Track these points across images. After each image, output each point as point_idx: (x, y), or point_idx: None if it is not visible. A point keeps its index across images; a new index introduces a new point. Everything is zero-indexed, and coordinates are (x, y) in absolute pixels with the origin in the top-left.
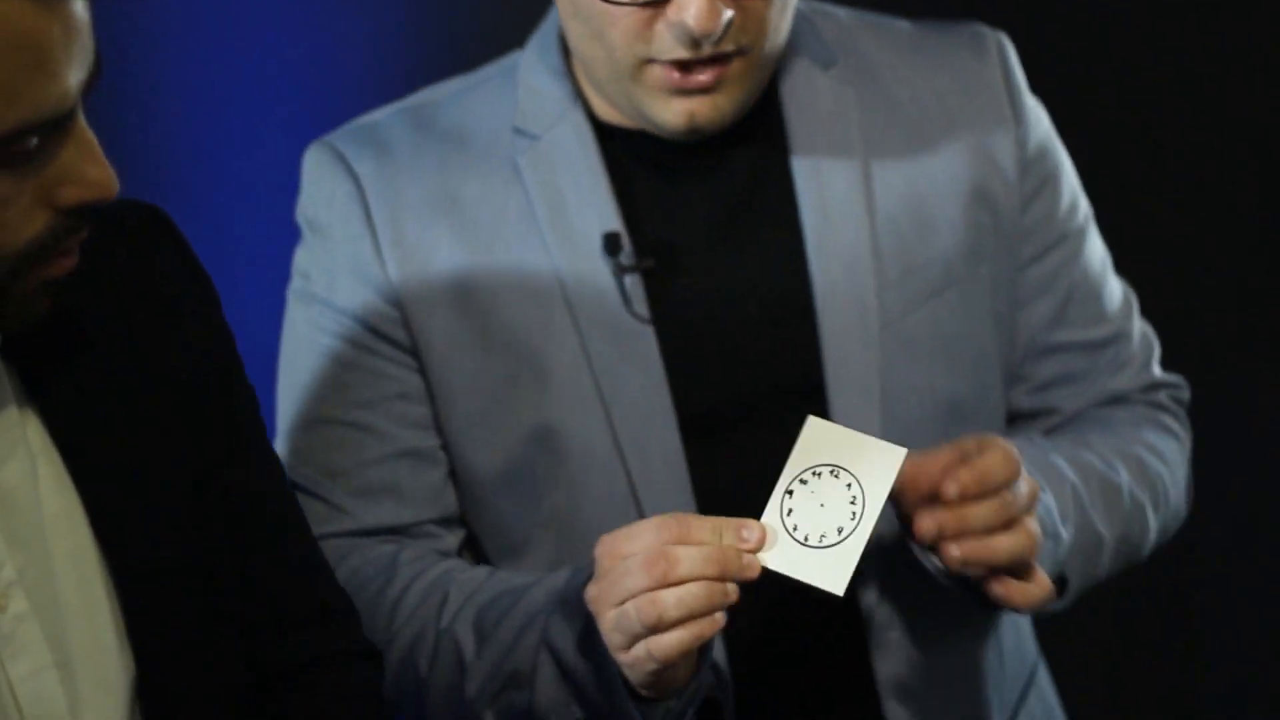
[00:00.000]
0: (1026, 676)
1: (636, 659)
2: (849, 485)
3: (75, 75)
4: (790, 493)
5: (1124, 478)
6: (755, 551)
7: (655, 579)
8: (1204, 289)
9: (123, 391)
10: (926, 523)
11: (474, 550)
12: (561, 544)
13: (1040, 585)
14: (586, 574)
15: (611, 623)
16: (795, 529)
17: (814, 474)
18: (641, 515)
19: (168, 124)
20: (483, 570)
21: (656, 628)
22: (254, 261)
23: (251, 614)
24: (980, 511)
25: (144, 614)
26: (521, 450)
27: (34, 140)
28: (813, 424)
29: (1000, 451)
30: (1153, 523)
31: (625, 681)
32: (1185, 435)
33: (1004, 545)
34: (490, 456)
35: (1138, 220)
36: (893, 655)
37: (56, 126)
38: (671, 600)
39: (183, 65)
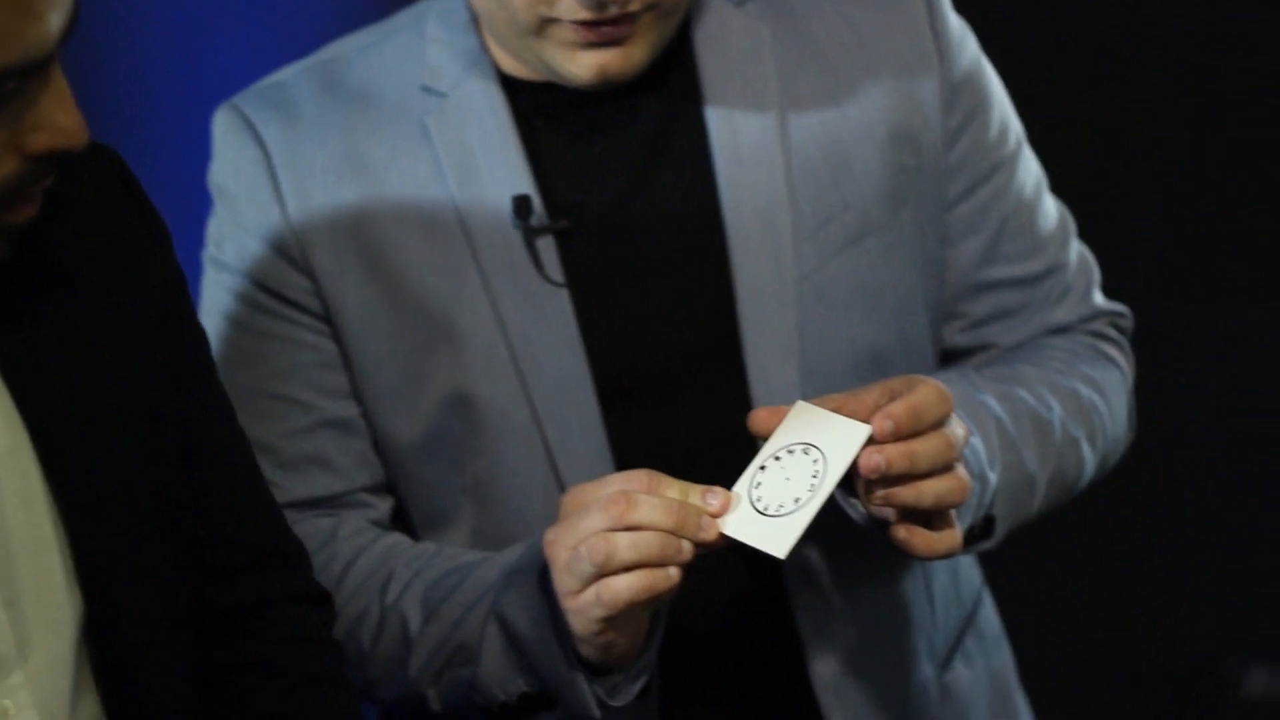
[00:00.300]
0: (963, 619)
1: (585, 604)
2: (815, 460)
3: (57, 19)
4: (764, 468)
5: (1056, 413)
6: (717, 517)
7: (611, 519)
8: (1143, 207)
9: (73, 330)
10: (874, 458)
11: (399, 517)
12: (483, 512)
13: (948, 538)
14: (539, 544)
15: (564, 564)
16: (758, 500)
17: (788, 451)
18: (560, 482)
19: (122, 69)
20: (429, 547)
21: (605, 567)
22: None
23: (203, 553)
24: (929, 446)
25: (93, 552)
26: (439, 419)
27: (12, 84)
28: (799, 407)
29: (932, 387)
30: (1089, 457)
31: (576, 653)
32: (1127, 363)
33: (931, 489)
34: (408, 425)
35: (1075, 139)
36: (816, 611)
37: (36, 71)
38: (624, 541)
39: (139, 11)
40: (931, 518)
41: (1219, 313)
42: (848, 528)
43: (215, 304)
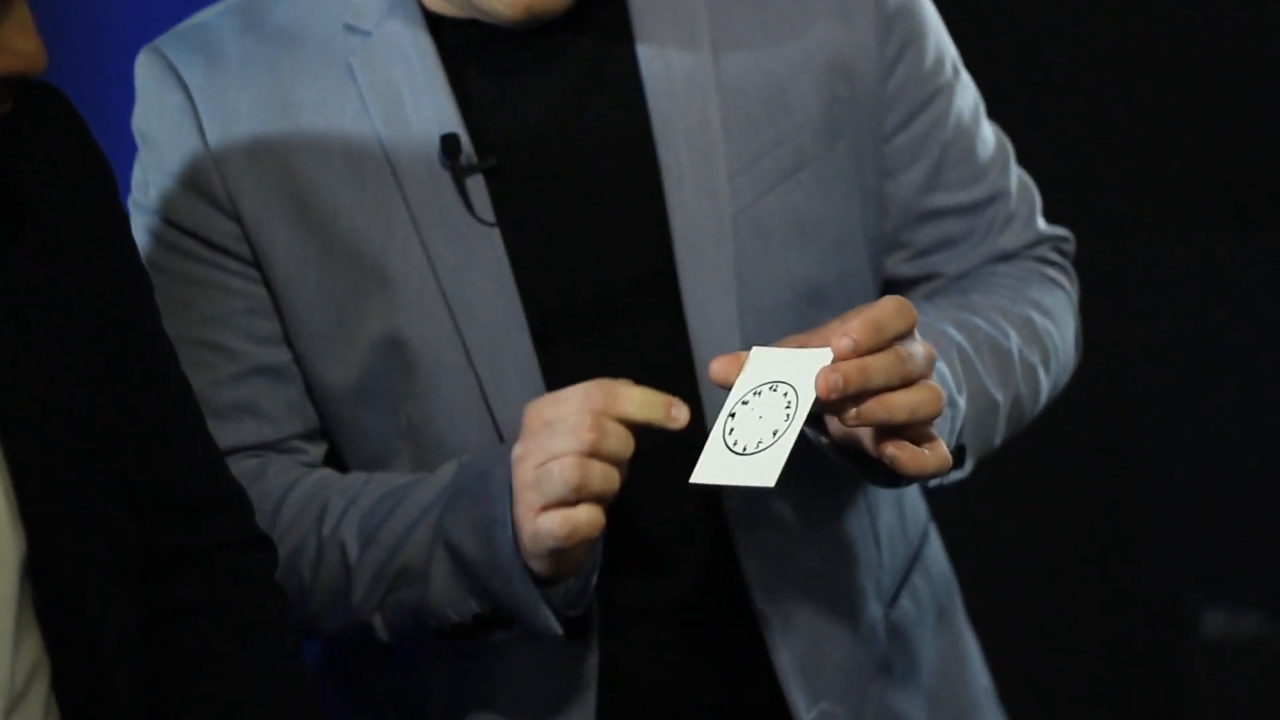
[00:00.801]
0: (910, 558)
1: (546, 524)
2: (785, 394)
3: None
4: (733, 414)
5: (1013, 340)
6: (682, 429)
7: (584, 445)
8: (1082, 129)
9: (12, 267)
10: (829, 377)
11: (335, 464)
12: (419, 455)
13: (937, 454)
14: (478, 466)
15: (531, 481)
16: (735, 444)
17: (755, 394)
18: (495, 423)
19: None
20: (360, 476)
21: (579, 492)
22: None
23: (146, 496)
24: (881, 362)
25: (36, 489)
26: (372, 362)
27: None
28: (757, 352)
29: (891, 300)
30: (1044, 383)
31: (526, 569)
32: (1072, 287)
33: (904, 401)
34: (341, 370)
35: (1013, 64)
36: (760, 551)
37: None
38: (599, 471)
39: None
40: (917, 438)
41: (1183, 247)
42: (791, 468)
43: (141, 251)
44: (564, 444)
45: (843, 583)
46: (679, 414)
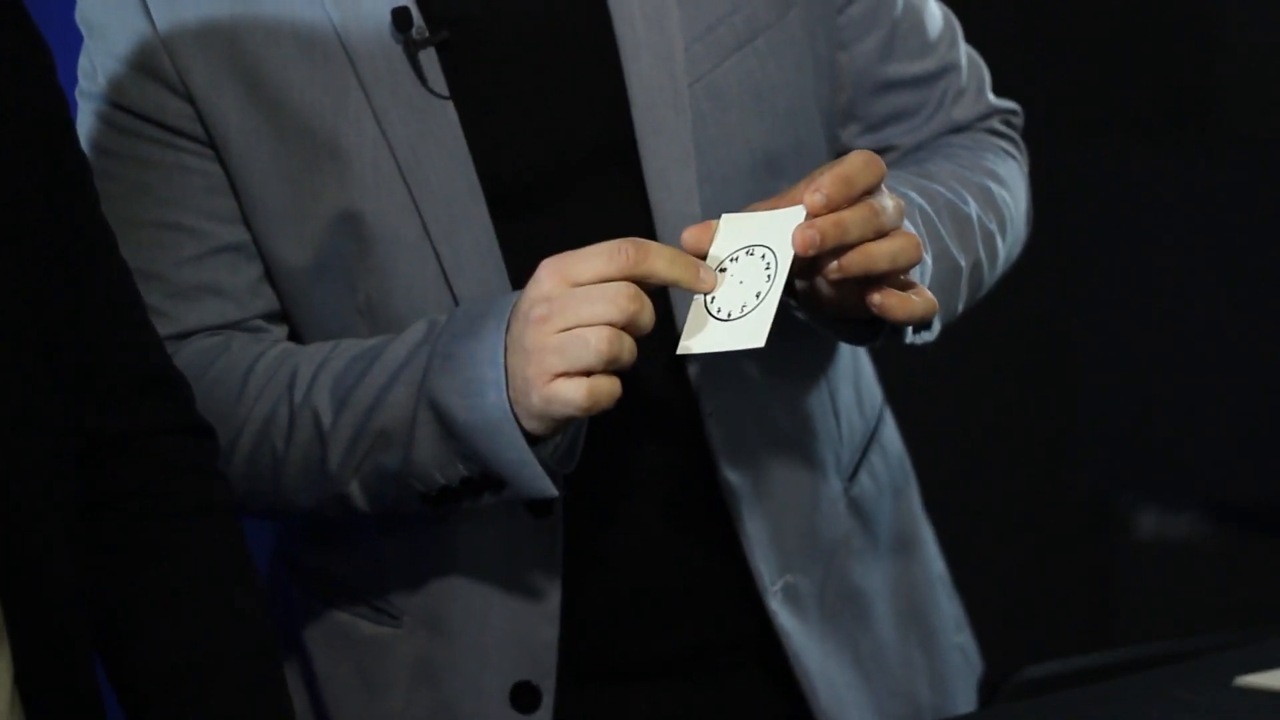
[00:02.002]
0: (867, 434)
1: (568, 394)
2: (763, 256)
3: None
4: None
5: (972, 206)
6: (709, 291)
7: (625, 315)
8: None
9: None
10: (806, 233)
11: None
12: (378, 332)
13: (923, 296)
14: (459, 325)
15: (554, 345)
16: (719, 310)
17: (731, 260)
18: (455, 298)
19: None
20: (327, 343)
21: (611, 364)
22: None
23: (83, 380)
24: (856, 215)
25: None
26: (328, 239)
27: None
28: (726, 219)
29: (859, 154)
30: (1001, 250)
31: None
32: (1023, 158)
33: (884, 249)
34: (298, 248)
35: None
36: (724, 422)
37: None
38: (629, 344)
39: None
40: (900, 287)
41: (1114, 149)
42: None
43: (92, 138)
44: (602, 311)
45: (805, 453)
46: (707, 276)
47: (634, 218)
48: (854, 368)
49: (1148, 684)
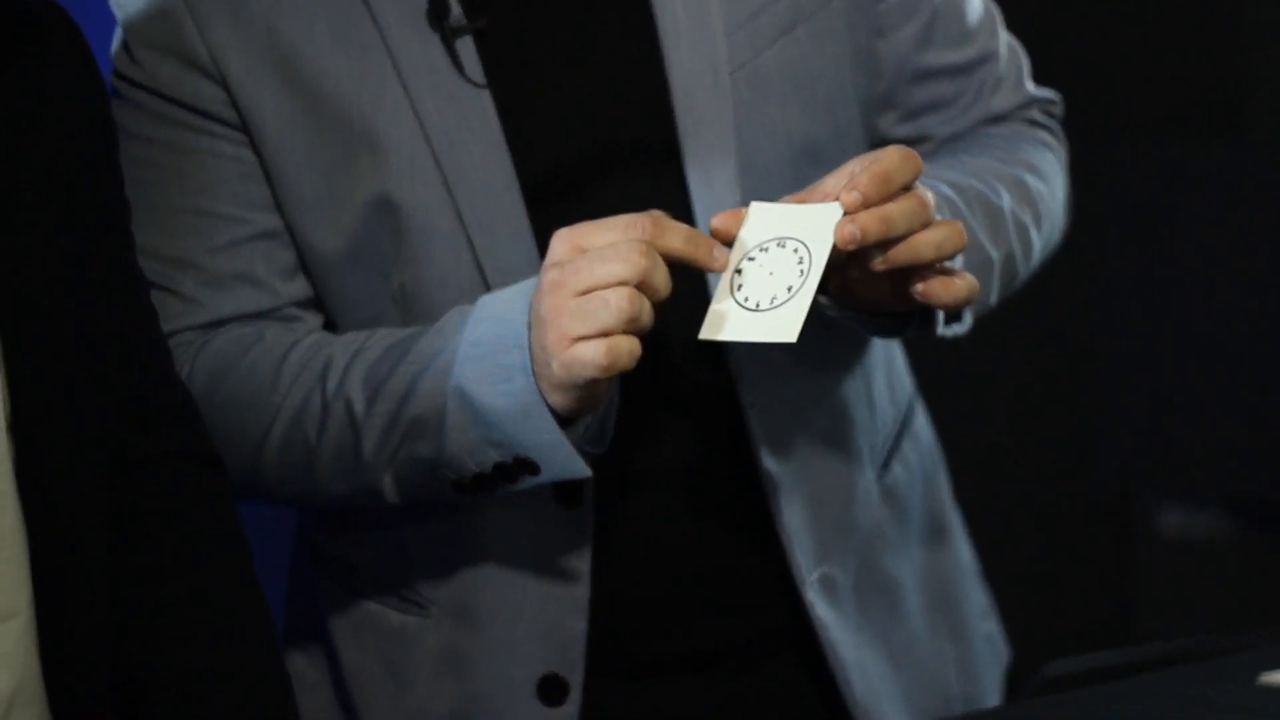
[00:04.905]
0: (899, 423)
1: (588, 355)
2: (795, 250)
3: None
4: (740, 270)
5: (1005, 199)
6: (720, 270)
7: (638, 271)
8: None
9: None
10: (848, 228)
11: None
12: (411, 322)
13: (965, 279)
14: (489, 310)
15: (571, 308)
16: (746, 300)
17: (761, 250)
18: (488, 288)
19: None
20: (361, 332)
21: (630, 325)
22: None
23: (113, 400)
24: (902, 207)
25: (23, 349)
26: (363, 228)
27: None
28: (756, 207)
29: (896, 150)
30: (1036, 242)
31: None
32: (1061, 148)
33: (929, 239)
34: (332, 236)
35: None
36: (765, 413)
37: None
38: (648, 307)
39: None
40: (942, 271)
41: (1150, 150)
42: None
43: (127, 125)
44: (616, 270)
45: (842, 443)
46: (720, 255)
47: (672, 206)
48: (886, 356)
49: (1170, 682)
